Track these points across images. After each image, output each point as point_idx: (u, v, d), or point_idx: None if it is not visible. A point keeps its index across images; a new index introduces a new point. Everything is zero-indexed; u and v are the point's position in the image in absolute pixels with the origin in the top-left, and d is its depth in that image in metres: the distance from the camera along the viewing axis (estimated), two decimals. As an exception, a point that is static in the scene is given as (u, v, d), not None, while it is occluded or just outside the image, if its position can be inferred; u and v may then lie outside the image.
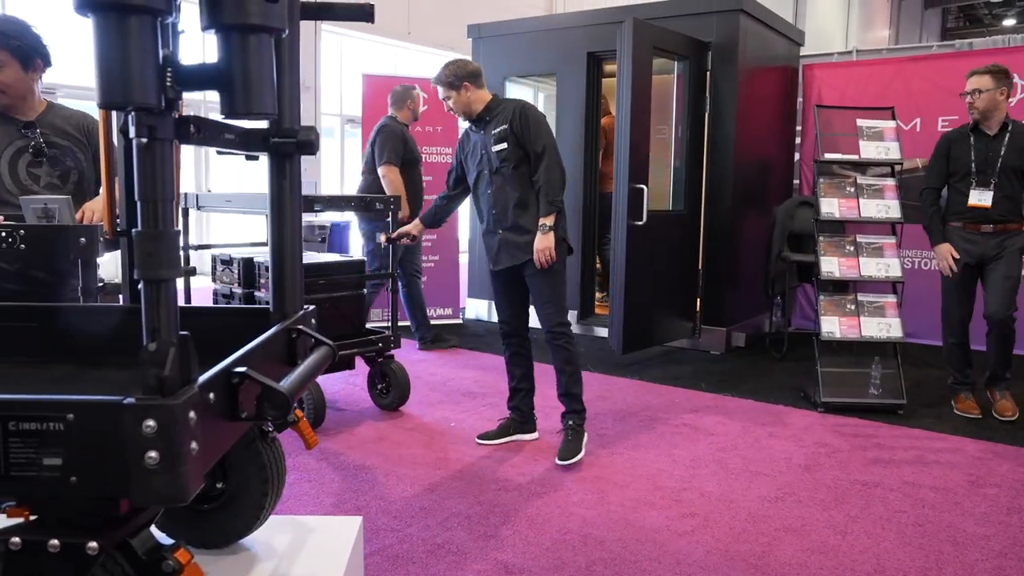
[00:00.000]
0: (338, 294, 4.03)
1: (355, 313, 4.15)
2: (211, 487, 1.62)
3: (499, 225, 3.53)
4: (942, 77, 6.06)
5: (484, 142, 3.51)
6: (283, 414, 1.21)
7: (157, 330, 1.00)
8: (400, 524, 2.80)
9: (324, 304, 3.82)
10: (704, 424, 4.04)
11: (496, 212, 3.52)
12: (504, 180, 3.48)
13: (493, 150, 3.46)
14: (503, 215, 3.51)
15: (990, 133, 4.13)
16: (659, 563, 2.54)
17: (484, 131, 3.52)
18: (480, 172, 3.55)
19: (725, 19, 5.69)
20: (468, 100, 3.50)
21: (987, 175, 4.09)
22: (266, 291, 3.85)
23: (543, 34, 6.60)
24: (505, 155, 3.45)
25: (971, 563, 2.59)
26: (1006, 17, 21.54)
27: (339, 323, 4.03)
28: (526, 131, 3.44)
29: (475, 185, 3.61)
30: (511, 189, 3.48)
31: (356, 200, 4.10)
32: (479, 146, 3.54)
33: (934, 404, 4.47)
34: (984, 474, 3.40)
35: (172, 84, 0.96)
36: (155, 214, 0.98)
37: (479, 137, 3.55)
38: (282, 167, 1.39)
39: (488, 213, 3.55)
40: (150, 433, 0.94)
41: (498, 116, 3.49)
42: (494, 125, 3.49)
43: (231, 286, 4.09)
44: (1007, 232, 4.11)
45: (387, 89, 6.69)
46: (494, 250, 3.58)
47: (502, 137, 3.45)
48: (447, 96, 3.52)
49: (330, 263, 4.08)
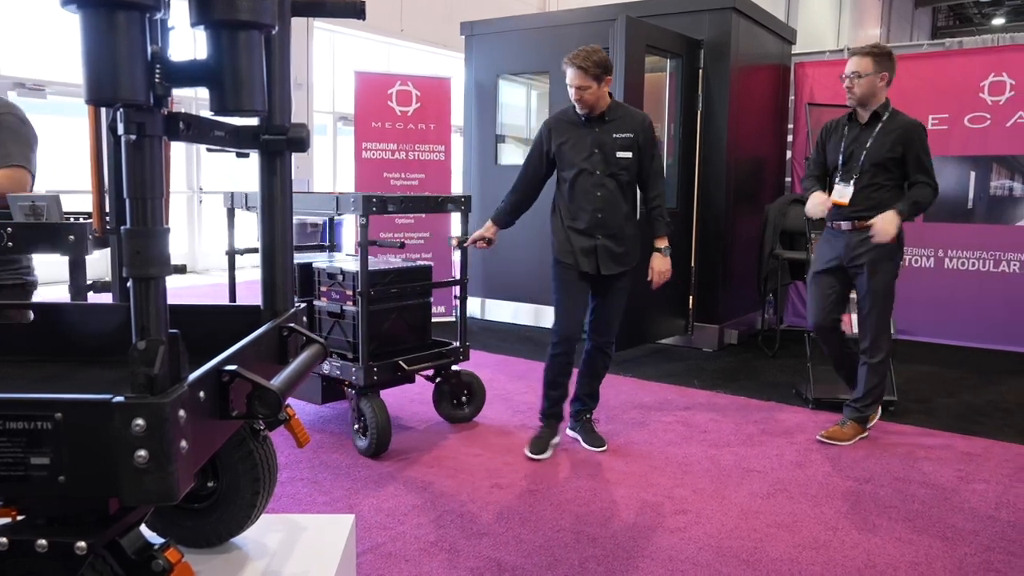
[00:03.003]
0: (404, 303, 3.73)
1: (422, 323, 3.85)
2: (202, 486, 1.62)
3: (601, 230, 3.39)
4: (932, 76, 6.09)
5: (599, 141, 3.37)
6: (274, 412, 1.21)
7: (146, 328, 0.99)
8: (393, 522, 2.79)
9: (390, 314, 3.66)
10: (697, 421, 4.04)
11: (602, 217, 3.38)
12: (618, 187, 3.38)
13: (617, 155, 3.35)
14: (610, 222, 3.39)
15: (861, 123, 3.73)
16: (652, 560, 2.55)
17: (599, 129, 3.38)
18: (585, 170, 3.37)
19: (717, 17, 5.70)
20: (602, 95, 3.35)
21: (851, 169, 3.72)
22: (328, 300, 3.73)
23: (536, 32, 6.59)
24: (627, 164, 3.37)
25: (960, 557, 2.61)
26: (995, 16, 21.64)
27: (405, 334, 3.77)
28: (649, 146, 3.40)
29: (573, 181, 3.40)
30: (622, 198, 3.40)
31: (428, 201, 3.74)
32: (590, 142, 3.37)
33: (924, 400, 4.49)
34: (973, 469, 3.41)
35: (161, 80, 0.96)
36: (144, 212, 0.98)
37: (592, 133, 3.38)
38: (272, 164, 1.39)
39: (591, 214, 3.38)
40: (139, 432, 0.94)
41: (620, 120, 3.39)
42: (616, 128, 3.37)
43: None
44: (868, 231, 3.57)
45: (380, 87, 6.68)
46: (585, 253, 3.40)
47: (628, 145, 3.36)
48: (586, 86, 3.29)
49: (396, 269, 3.71)
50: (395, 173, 6.66)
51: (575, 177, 3.40)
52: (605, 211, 3.38)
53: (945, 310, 6.13)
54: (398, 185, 6.65)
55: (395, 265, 3.77)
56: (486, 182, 6.78)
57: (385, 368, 3.49)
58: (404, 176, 6.69)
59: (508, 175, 6.78)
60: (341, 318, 3.65)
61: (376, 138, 6.61)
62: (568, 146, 3.41)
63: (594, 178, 3.38)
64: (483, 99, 6.85)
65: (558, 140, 3.44)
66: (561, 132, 3.45)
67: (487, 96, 6.82)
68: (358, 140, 6.60)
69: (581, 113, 3.38)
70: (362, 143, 6.58)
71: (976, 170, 6.04)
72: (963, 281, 6.07)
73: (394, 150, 6.66)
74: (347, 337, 3.64)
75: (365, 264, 3.39)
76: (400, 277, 3.70)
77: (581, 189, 3.39)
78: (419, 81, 6.79)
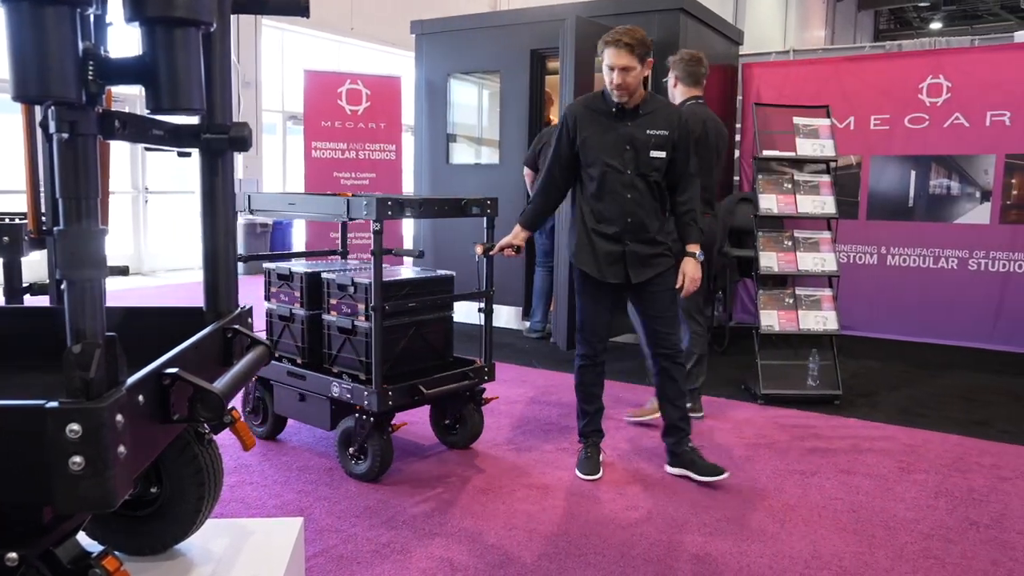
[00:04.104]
0: (422, 317, 3.36)
1: (442, 340, 3.49)
2: (145, 492, 1.59)
3: (631, 235, 3.08)
4: (874, 77, 6.26)
5: (632, 136, 3.05)
6: (217, 415, 1.19)
7: (82, 331, 0.97)
8: (345, 524, 2.77)
9: (407, 330, 3.30)
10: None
11: (632, 221, 3.07)
12: (649, 189, 3.08)
13: (651, 154, 3.04)
14: (641, 226, 3.08)
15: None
16: (603, 556, 2.57)
17: (632, 123, 3.06)
18: (614, 168, 3.05)
19: (666, 18, 5.77)
20: (642, 80, 3.07)
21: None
22: (338, 314, 3.32)
23: (487, 31, 6.59)
24: (659, 164, 3.06)
25: (901, 545, 2.69)
26: (933, 20, 22.30)
27: (426, 352, 3.41)
28: (685, 145, 3.12)
29: (600, 179, 3.07)
30: (652, 200, 3.10)
31: (450, 203, 3.39)
32: (622, 137, 3.05)
33: (869, 394, 4.61)
34: (914, 460, 3.52)
35: (94, 78, 0.94)
36: (78, 212, 0.96)
37: (623, 127, 3.06)
38: (214, 164, 1.37)
39: (620, 219, 3.07)
40: (74, 437, 0.91)
41: (655, 115, 3.08)
42: (650, 123, 3.06)
43: (291, 306, 3.47)
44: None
45: (329, 85, 6.61)
46: (611, 261, 3.11)
47: (662, 144, 3.05)
48: (631, 67, 2.97)
49: (413, 280, 3.35)
50: (345, 172, 6.61)
51: (602, 176, 3.07)
52: (636, 215, 3.07)
53: (889, 306, 6.30)
54: (349, 184, 6.60)
55: (411, 276, 3.41)
56: (437, 181, 6.76)
57: (401, 392, 3.12)
58: (355, 175, 6.64)
59: (460, 174, 6.81)
60: (353, 334, 3.24)
61: (326, 137, 6.55)
62: (594, 139, 3.08)
63: (624, 177, 3.05)
64: (434, 98, 6.82)
65: (583, 132, 3.09)
66: (587, 122, 3.10)
67: (438, 95, 6.80)
68: (308, 139, 6.53)
69: (617, 101, 3.04)
70: (312, 142, 6.52)
71: (916, 169, 6.22)
72: (905, 277, 6.25)
73: (344, 149, 6.60)
74: (359, 356, 3.22)
75: (379, 275, 3.05)
76: (418, 289, 3.34)
77: (609, 190, 3.07)
78: (369, 80, 6.75)
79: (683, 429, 3.24)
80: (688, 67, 4.04)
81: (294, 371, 3.39)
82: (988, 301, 5.99)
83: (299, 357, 3.46)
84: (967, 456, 3.59)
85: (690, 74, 4.04)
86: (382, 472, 3.14)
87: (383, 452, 3.11)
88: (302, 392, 3.38)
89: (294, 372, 3.39)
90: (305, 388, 3.36)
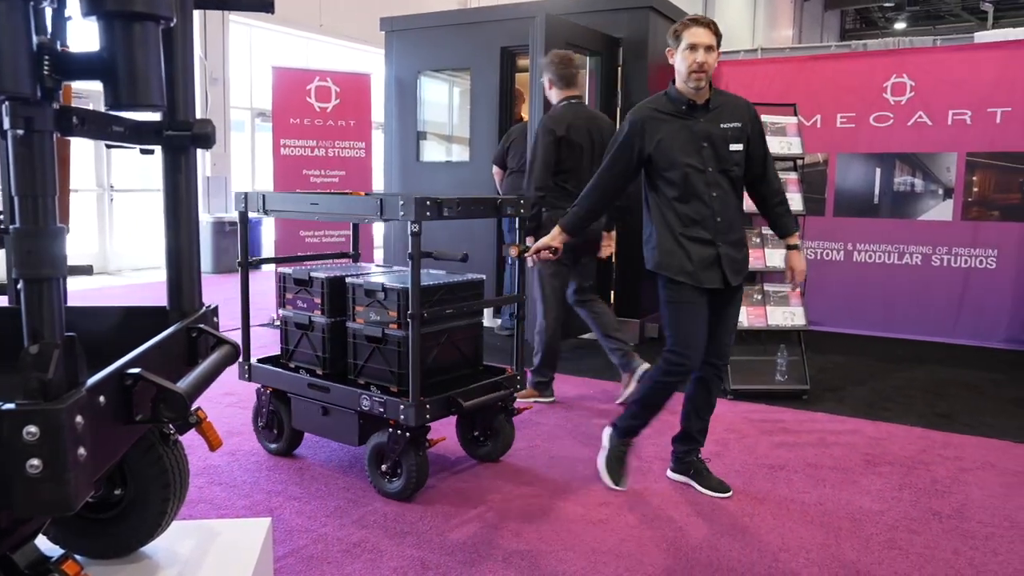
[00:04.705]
0: (455, 324, 3.20)
1: (474, 346, 3.35)
2: (109, 494, 1.56)
3: (722, 237, 2.92)
4: (840, 76, 6.34)
5: (707, 133, 2.91)
6: (181, 416, 1.18)
7: (39, 332, 0.95)
8: (315, 524, 2.75)
9: (440, 337, 3.14)
10: (617, 413, 4.10)
11: (722, 221, 2.92)
12: (732, 185, 2.96)
13: (730, 149, 2.92)
14: (729, 227, 2.94)
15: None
16: (574, 551, 2.58)
17: (704, 119, 2.93)
18: (695, 168, 2.89)
19: (635, 16, 5.81)
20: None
21: None
22: (364, 322, 3.10)
23: (457, 28, 6.58)
24: (739, 158, 2.94)
25: (867, 536, 2.73)
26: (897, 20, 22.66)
27: (458, 360, 3.27)
28: (758, 134, 3.00)
29: (683, 182, 2.90)
30: (735, 197, 2.98)
31: (486, 203, 3.20)
32: (697, 135, 2.91)
33: (835, 389, 4.67)
34: (879, 453, 3.57)
35: (51, 73, 0.92)
36: (35, 210, 0.94)
37: (696, 124, 2.92)
38: (177, 161, 1.35)
39: (710, 220, 2.91)
40: (31, 440, 0.90)
41: (725, 108, 2.96)
42: (723, 117, 2.94)
43: (310, 313, 3.27)
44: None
45: (298, 82, 6.56)
46: (707, 265, 2.92)
47: (738, 136, 2.93)
48: (712, 47, 2.85)
49: (446, 284, 3.14)
50: (315, 170, 6.56)
51: (684, 178, 2.90)
52: (724, 214, 2.93)
53: (855, 302, 6.40)
54: (318, 183, 6.54)
55: (443, 279, 3.19)
56: (408, 179, 6.73)
57: (438, 404, 2.95)
58: (324, 173, 6.59)
59: (430, 172, 6.79)
60: (383, 343, 3.03)
61: (295, 135, 6.49)
62: (669, 141, 2.91)
63: (706, 176, 2.90)
64: (404, 96, 6.80)
65: (655, 136, 2.93)
66: (657, 126, 2.94)
67: (408, 93, 6.77)
68: (276, 137, 6.47)
69: (694, 86, 2.87)
70: (280, 139, 6.45)
71: (881, 167, 6.32)
72: (871, 273, 6.35)
73: (313, 147, 6.55)
74: (390, 367, 3.02)
75: (417, 280, 2.84)
76: (450, 294, 3.14)
77: (693, 191, 2.91)
78: (338, 77, 6.70)
79: (698, 441, 3.18)
80: (559, 69, 4.12)
81: (316, 383, 3.16)
82: (951, 296, 6.11)
83: (319, 368, 3.25)
84: (930, 448, 3.66)
85: (561, 76, 4.12)
86: (417, 490, 2.96)
87: (419, 469, 2.92)
88: (325, 405, 3.15)
89: (316, 384, 3.15)
90: (329, 401, 3.12)
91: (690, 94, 2.91)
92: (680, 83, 2.92)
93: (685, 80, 2.88)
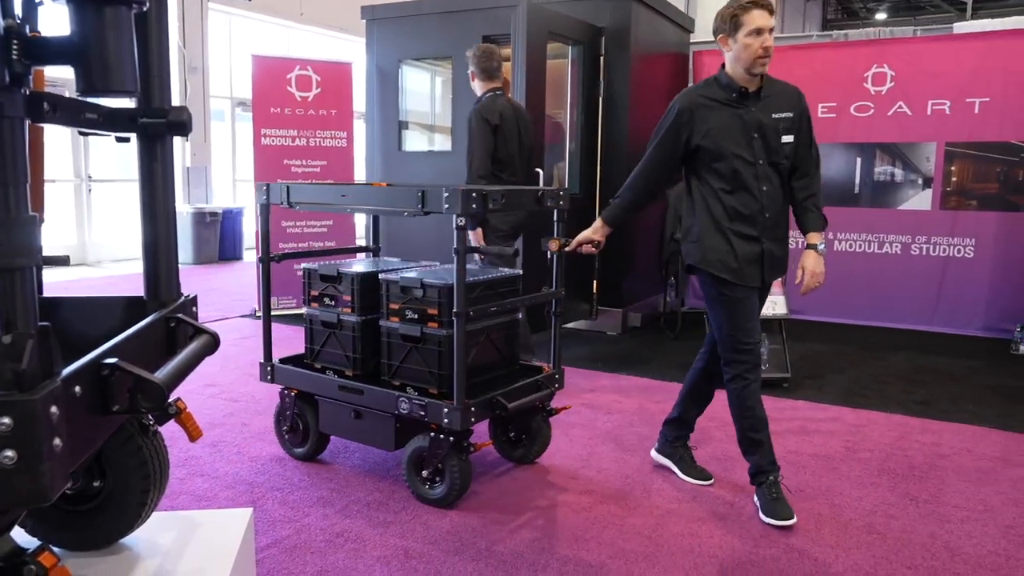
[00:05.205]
0: (494, 322, 3.07)
1: (510, 345, 3.21)
2: (87, 486, 1.55)
3: (768, 233, 2.79)
4: (821, 66, 6.37)
5: (758, 122, 2.75)
6: (159, 406, 1.17)
7: (12, 322, 0.94)
8: (298, 515, 2.74)
9: (480, 335, 2.99)
10: (601, 403, 4.13)
11: (770, 216, 2.78)
12: (780, 180, 2.80)
13: (781, 140, 2.76)
14: (776, 223, 2.81)
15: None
16: (557, 539, 2.59)
17: (755, 108, 2.76)
18: (743, 159, 2.73)
19: (617, 5, 5.79)
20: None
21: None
22: (400, 320, 2.95)
23: (438, 17, 6.53)
24: (789, 150, 2.78)
25: (846, 521, 2.76)
26: (878, 11, 22.77)
27: (496, 359, 3.13)
28: (808, 126, 2.84)
29: (733, 175, 2.74)
30: (783, 192, 2.82)
31: (528, 195, 3.03)
32: (748, 124, 2.74)
33: (816, 376, 4.71)
34: (859, 440, 3.61)
35: (19, 58, 0.90)
36: (5, 198, 0.92)
37: (747, 113, 2.75)
38: (152, 149, 1.33)
39: (758, 215, 2.76)
40: (5, 431, 0.89)
41: (776, 96, 2.80)
42: (775, 106, 2.78)
43: (338, 311, 3.10)
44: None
45: (278, 71, 6.50)
46: (751, 262, 2.79)
47: (789, 127, 2.77)
48: (773, 27, 2.69)
49: (486, 280, 2.99)
50: (296, 160, 6.51)
51: (733, 170, 2.74)
52: (772, 209, 2.78)
53: (836, 290, 6.44)
54: (299, 172, 6.50)
55: (480, 275, 3.04)
56: (390, 169, 6.69)
57: (483, 406, 2.80)
58: (305, 163, 6.55)
59: (413, 162, 6.75)
60: (421, 343, 2.89)
61: (276, 124, 6.44)
62: (718, 130, 2.75)
63: (756, 169, 2.75)
64: (385, 85, 6.75)
65: (704, 125, 2.76)
66: (706, 114, 2.77)
67: (389, 82, 6.72)
68: (257, 126, 6.41)
69: (759, 72, 2.73)
70: (261, 129, 6.40)
71: (862, 156, 6.36)
72: (852, 262, 6.40)
73: (295, 136, 6.50)
74: (429, 367, 2.88)
75: (463, 277, 2.67)
76: (489, 290, 3.00)
77: (742, 184, 2.75)
78: (319, 66, 6.65)
79: (690, 427, 3.18)
80: (481, 62, 4.25)
81: (349, 385, 3.00)
82: (929, 285, 6.17)
83: (349, 368, 3.09)
84: (909, 435, 3.70)
85: (483, 69, 4.25)
86: (460, 496, 2.83)
87: (462, 474, 2.79)
88: (358, 408, 2.99)
89: (349, 386, 3.00)
90: (362, 404, 2.97)
91: (743, 80, 2.74)
92: (735, 68, 2.74)
93: (748, 66, 2.70)
